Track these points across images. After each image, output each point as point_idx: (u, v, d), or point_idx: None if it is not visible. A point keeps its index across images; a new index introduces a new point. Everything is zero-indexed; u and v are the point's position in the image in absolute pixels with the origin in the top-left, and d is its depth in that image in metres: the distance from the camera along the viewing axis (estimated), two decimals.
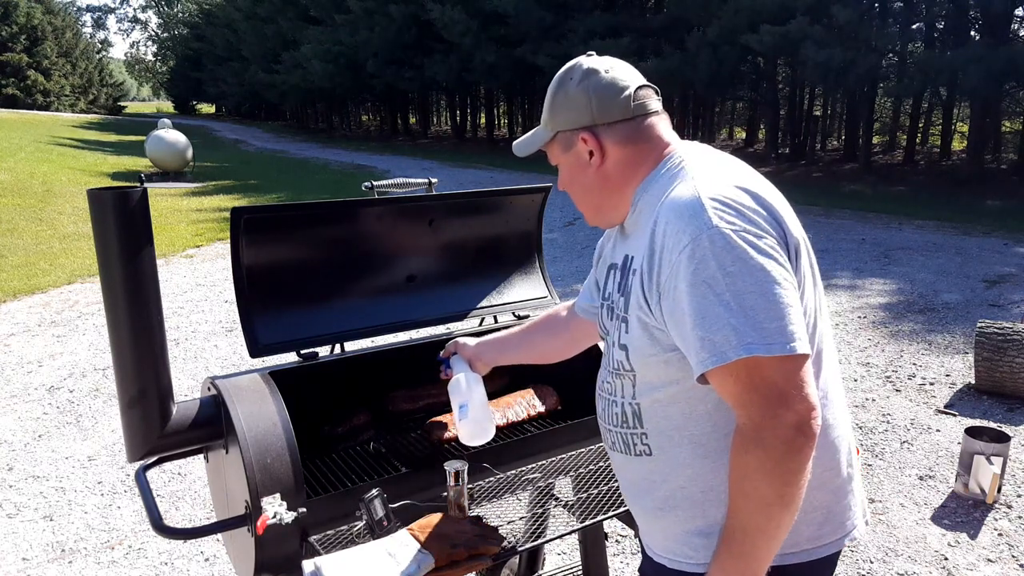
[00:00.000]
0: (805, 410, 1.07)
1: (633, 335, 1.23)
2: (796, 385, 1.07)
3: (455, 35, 22.21)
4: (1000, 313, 6.21)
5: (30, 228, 10.25)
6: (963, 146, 18.65)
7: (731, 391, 1.10)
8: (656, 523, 1.31)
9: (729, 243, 1.08)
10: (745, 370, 1.07)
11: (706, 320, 1.08)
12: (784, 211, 1.19)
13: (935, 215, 11.14)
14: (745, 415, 1.10)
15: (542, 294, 2.30)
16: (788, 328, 1.07)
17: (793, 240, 1.17)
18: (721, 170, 1.22)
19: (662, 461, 1.26)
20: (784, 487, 1.08)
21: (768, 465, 1.07)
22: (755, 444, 1.08)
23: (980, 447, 3.40)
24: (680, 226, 1.12)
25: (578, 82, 1.32)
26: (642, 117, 1.30)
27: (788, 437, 1.06)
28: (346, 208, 1.93)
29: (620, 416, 1.31)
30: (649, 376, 1.23)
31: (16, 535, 3.24)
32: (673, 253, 1.12)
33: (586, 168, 1.33)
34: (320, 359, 1.87)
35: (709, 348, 1.08)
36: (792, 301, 1.09)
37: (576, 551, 2.97)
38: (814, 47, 13.91)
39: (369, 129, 39.64)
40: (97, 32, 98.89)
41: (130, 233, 1.39)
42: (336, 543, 1.59)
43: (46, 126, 30.85)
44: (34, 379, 5.01)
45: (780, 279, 1.09)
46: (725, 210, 1.11)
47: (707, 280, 1.08)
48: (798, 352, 1.07)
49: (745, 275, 1.07)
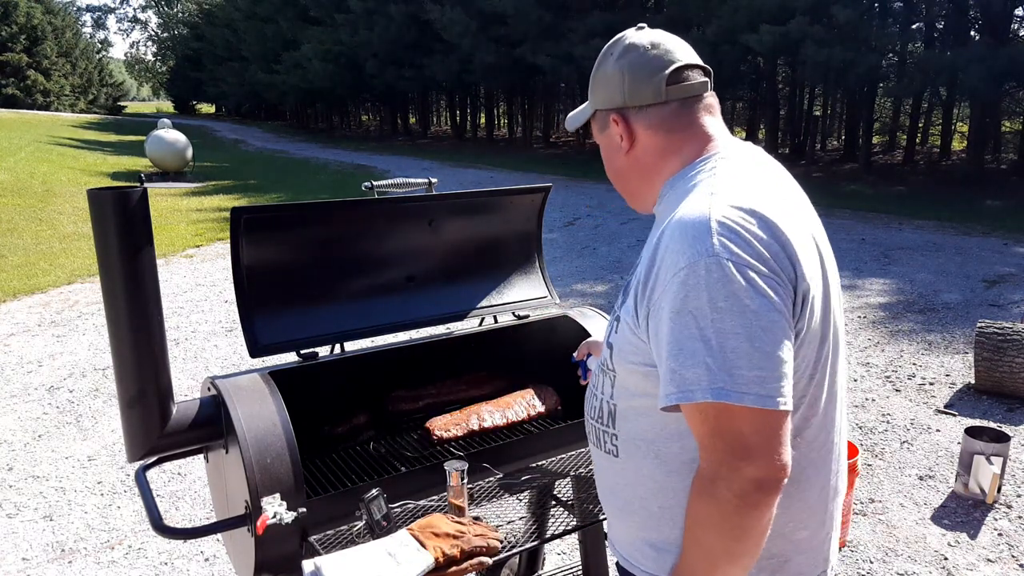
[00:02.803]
0: (769, 468, 0.99)
1: (620, 336, 1.18)
2: (765, 441, 0.99)
3: (454, 35, 22.21)
4: (1000, 313, 6.21)
5: (30, 228, 10.25)
6: (963, 146, 18.65)
7: (698, 431, 1.04)
8: (617, 522, 1.29)
9: (726, 276, 0.99)
10: (714, 413, 1.00)
11: (682, 353, 1.01)
12: (803, 249, 1.07)
13: (935, 215, 11.13)
14: (706, 459, 1.03)
15: (542, 294, 2.30)
16: (770, 381, 0.98)
17: (804, 286, 1.05)
18: (747, 188, 1.09)
19: (627, 466, 1.22)
20: (733, 542, 1.02)
21: (718, 518, 1.01)
22: (709, 493, 1.02)
23: (980, 447, 3.40)
24: (681, 246, 1.03)
25: (616, 58, 1.21)
26: (679, 103, 1.19)
27: (744, 492, 0.99)
28: (346, 208, 1.93)
29: (598, 411, 1.27)
30: (627, 381, 1.18)
31: (16, 535, 3.24)
32: (668, 273, 1.04)
33: (618, 151, 1.25)
34: (320, 359, 1.87)
35: (677, 382, 1.01)
36: (783, 353, 1.00)
37: (576, 551, 2.97)
38: (814, 47, 13.90)
39: (369, 129, 39.64)
40: (97, 32, 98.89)
41: (130, 233, 1.39)
42: (336, 543, 1.59)
43: (46, 126, 30.84)
44: (34, 379, 5.01)
45: (772, 325, 0.99)
46: (731, 238, 1.01)
47: (693, 311, 1.00)
48: (779, 408, 0.99)
49: (735, 314, 0.98)
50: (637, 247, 9.04)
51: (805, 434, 1.16)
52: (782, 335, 1.01)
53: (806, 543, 1.19)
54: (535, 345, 2.24)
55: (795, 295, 1.05)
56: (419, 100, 35.63)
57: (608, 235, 9.91)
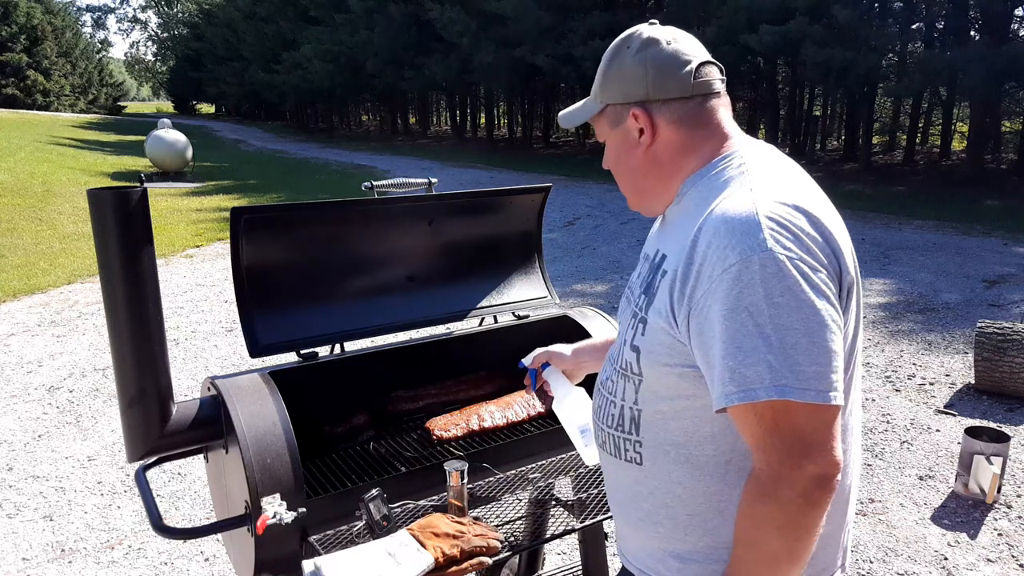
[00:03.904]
0: (828, 464, 0.99)
1: (650, 340, 1.14)
2: (823, 437, 0.99)
3: (454, 35, 22.21)
4: (1000, 313, 6.21)
5: (30, 228, 10.25)
6: (963, 146, 18.64)
7: (753, 431, 1.02)
8: (635, 533, 1.26)
9: (782, 271, 0.98)
10: (772, 413, 0.98)
11: (741, 351, 0.99)
12: (844, 242, 1.08)
13: (935, 215, 11.14)
14: (764, 461, 1.01)
15: (542, 294, 2.30)
16: (827, 375, 0.98)
17: (848, 278, 1.06)
18: (784, 184, 1.10)
19: (652, 474, 1.19)
20: (796, 542, 1.01)
21: (783, 519, 1.00)
22: (771, 496, 1.00)
23: (980, 447, 3.40)
24: (730, 242, 1.01)
25: (635, 52, 1.18)
26: (702, 98, 1.18)
27: (807, 490, 0.98)
28: (346, 208, 1.93)
29: (616, 418, 1.23)
30: (657, 385, 1.15)
31: (16, 535, 3.24)
32: (716, 269, 1.01)
33: (634, 147, 1.21)
34: (320, 359, 1.87)
35: (738, 382, 0.99)
36: (836, 347, 1.00)
37: (576, 551, 2.97)
38: (814, 47, 13.90)
39: (369, 129, 39.64)
40: (97, 32, 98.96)
41: (130, 233, 1.39)
42: (336, 543, 1.59)
43: (46, 126, 30.85)
44: (34, 379, 5.01)
45: (829, 320, 0.99)
46: (783, 233, 1.00)
47: (749, 307, 0.98)
48: (833, 403, 0.98)
49: (792, 309, 0.98)
50: (637, 247, 9.04)
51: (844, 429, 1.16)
52: (836, 329, 1.01)
53: (829, 537, 1.19)
54: (535, 345, 2.23)
55: (841, 288, 1.05)
56: (419, 100, 35.62)
57: (608, 235, 9.91)
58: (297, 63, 31.37)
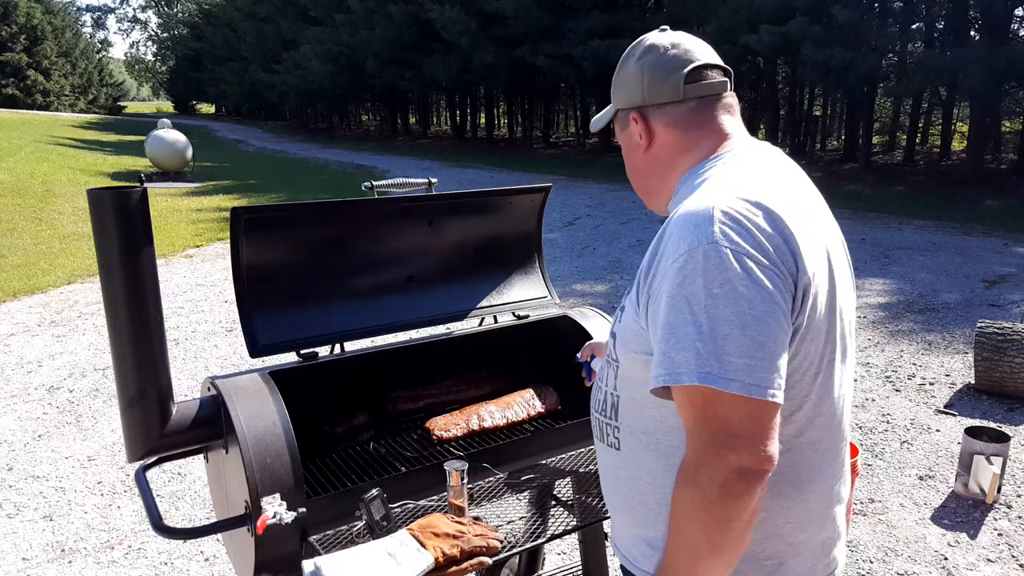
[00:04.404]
0: (754, 458, 0.98)
1: (623, 327, 1.19)
2: (751, 430, 0.99)
3: (454, 35, 22.22)
4: (1000, 313, 6.21)
5: (30, 228, 10.25)
6: (963, 146, 18.65)
7: (686, 417, 1.04)
8: (619, 520, 1.28)
9: (724, 263, 1.00)
10: (701, 399, 1.00)
11: (674, 336, 1.01)
12: (808, 243, 1.07)
13: (935, 215, 11.14)
14: (690, 446, 1.03)
15: (542, 294, 2.30)
16: (758, 370, 0.98)
17: (804, 280, 1.05)
18: (756, 182, 1.11)
19: (628, 460, 1.22)
20: (715, 532, 1.01)
21: (700, 507, 1.01)
22: (691, 481, 1.02)
23: (980, 447, 3.40)
24: (683, 234, 1.05)
25: (637, 58, 1.24)
26: (697, 101, 1.21)
27: (727, 480, 0.98)
28: (346, 208, 1.93)
29: (601, 403, 1.28)
30: (630, 372, 1.18)
31: (16, 535, 3.24)
32: (668, 260, 1.06)
33: (636, 149, 1.27)
34: (320, 359, 1.87)
35: (666, 365, 1.02)
36: (774, 344, 1.00)
37: (576, 551, 2.97)
38: (814, 47, 13.91)
39: (369, 129, 39.64)
40: (97, 32, 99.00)
41: (130, 233, 1.39)
42: (336, 543, 1.59)
43: (46, 126, 30.85)
44: (34, 379, 5.01)
45: (766, 315, 0.99)
46: (732, 226, 1.02)
47: (688, 296, 1.01)
48: (763, 398, 0.98)
49: (729, 301, 0.99)
50: (637, 247, 9.04)
51: (807, 435, 1.14)
52: (776, 327, 1.00)
53: (803, 546, 1.18)
54: (535, 345, 2.24)
55: (795, 289, 1.04)
56: (419, 100, 35.63)
57: (608, 235, 9.91)
58: (297, 63, 31.38)
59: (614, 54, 15.66)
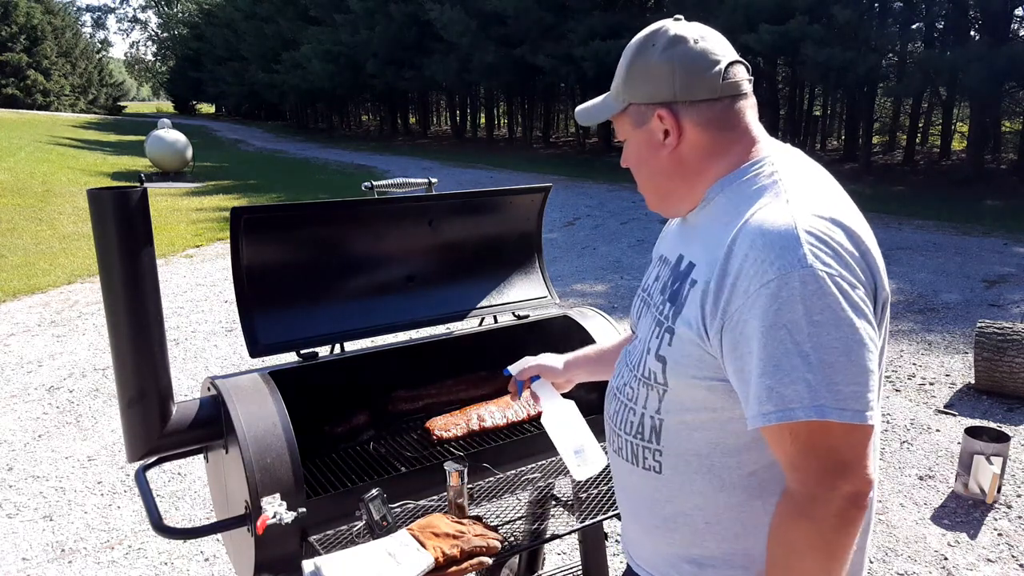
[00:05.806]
0: (862, 482, 0.98)
1: (677, 351, 1.11)
2: (857, 456, 0.98)
3: (454, 35, 22.22)
4: (1000, 313, 6.21)
5: (30, 228, 10.25)
6: (963, 146, 18.64)
7: (787, 450, 1.00)
8: (648, 539, 1.25)
9: (822, 288, 0.96)
10: (807, 432, 0.97)
11: (779, 369, 0.96)
12: (878, 257, 1.05)
13: (935, 215, 11.14)
14: (798, 480, 1.00)
15: (542, 294, 2.30)
16: (864, 395, 0.96)
17: (884, 294, 1.05)
18: (820, 196, 1.07)
19: (672, 482, 1.17)
20: (831, 562, 1.00)
21: (818, 540, 0.99)
22: (806, 516, 0.99)
23: (980, 447, 3.40)
24: (768, 256, 0.98)
25: (662, 50, 1.13)
26: (731, 99, 1.13)
27: (842, 510, 0.97)
28: (346, 208, 1.93)
29: (636, 425, 1.20)
30: (683, 396, 1.12)
31: (16, 535, 3.24)
32: (753, 284, 0.99)
33: (659, 149, 1.16)
34: (320, 359, 1.87)
35: (776, 401, 0.97)
36: (872, 366, 0.98)
37: (576, 551, 2.97)
38: (814, 47, 13.90)
39: (369, 129, 39.65)
40: (97, 32, 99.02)
41: (130, 233, 1.39)
42: (336, 543, 1.59)
43: (46, 126, 30.85)
44: (34, 379, 5.01)
45: (867, 339, 0.97)
46: (823, 248, 0.98)
47: (788, 325, 0.96)
48: (868, 423, 0.97)
49: (832, 328, 0.95)
50: (637, 247, 9.04)
51: None
52: (873, 347, 0.99)
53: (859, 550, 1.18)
54: (535, 345, 2.24)
55: (876, 303, 1.03)
56: (419, 100, 35.63)
57: (608, 235, 9.91)
58: (297, 63, 31.38)
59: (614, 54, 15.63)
